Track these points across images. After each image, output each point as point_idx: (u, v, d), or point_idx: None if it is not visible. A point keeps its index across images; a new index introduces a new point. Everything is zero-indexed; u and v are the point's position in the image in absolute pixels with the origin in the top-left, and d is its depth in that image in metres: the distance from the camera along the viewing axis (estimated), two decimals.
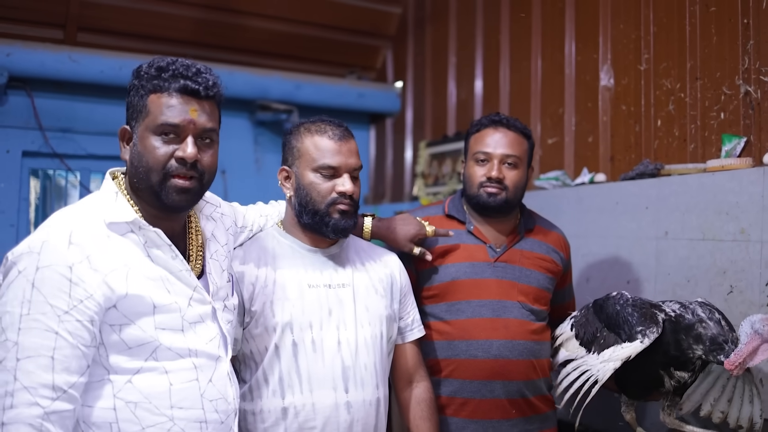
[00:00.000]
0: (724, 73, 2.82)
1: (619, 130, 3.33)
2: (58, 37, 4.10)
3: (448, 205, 2.47)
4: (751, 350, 1.94)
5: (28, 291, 1.42)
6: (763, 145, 2.65)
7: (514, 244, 2.39)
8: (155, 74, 1.60)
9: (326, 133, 1.98)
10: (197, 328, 1.62)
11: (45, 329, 1.42)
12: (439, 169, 4.44)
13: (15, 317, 1.41)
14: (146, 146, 1.58)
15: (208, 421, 1.60)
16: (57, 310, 1.43)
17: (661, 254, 2.89)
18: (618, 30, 3.33)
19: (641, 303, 2.14)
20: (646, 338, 2.03)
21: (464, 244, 2.37)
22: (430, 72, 4.76)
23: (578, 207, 3.27)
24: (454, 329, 2.28)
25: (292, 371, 1.89)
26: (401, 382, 2.15)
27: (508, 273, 2.33)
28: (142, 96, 1.59)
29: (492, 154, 2.35)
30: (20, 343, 1.40)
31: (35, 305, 1.42)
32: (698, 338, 2.02)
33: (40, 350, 1.40)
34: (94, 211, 1.58)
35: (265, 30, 4.62)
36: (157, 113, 1.57)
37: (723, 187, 2.65)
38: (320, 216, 1.97)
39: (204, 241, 1.77)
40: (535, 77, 3.86)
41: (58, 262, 1.45)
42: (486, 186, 2.34)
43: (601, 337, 2.15)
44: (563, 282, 2.51)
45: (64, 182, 4.19)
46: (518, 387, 2.25)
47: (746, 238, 2.56)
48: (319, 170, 1.96)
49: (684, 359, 2.05)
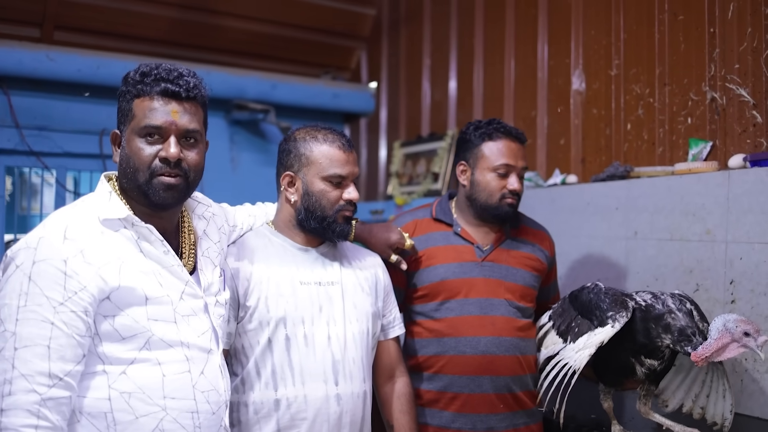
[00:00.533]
0: (691, 79, 2.93)
1: (590, 133, 3.44)
2: (34, 36, 4.08)
3: (436, 208, 2.54)
4: (720, 346, 2.04)
5: (25, 284, 1.49)
6: (728, 150, 2.77)
7: (501, 243, 2.47)
8: (139, 79, 1.67)
9: (336, 143, 2.07)
10: (190, 321, 1.69)
11: (41, 320, 1.48)
12: (413, 168, 4.52)
13: (13, 309, 1.48)
14: (132, 148, 1.65)
15: (199, 411, 1.66)
16: (52, 301, 1.50)
17: (630, 253, 3.00)
18: (589, 36, 3.44)
19: (613, 292, 2.24)
20: (617, 322, 2.12)
21: (452, 245, 2.45)
22: (404, 73, 4.84)
23: (550, 207, 3.37)
24: (444, 327, 2.37)
25: (285, 364, 1.97)
26: (382, 377, 2.23)
27: (495, 272, 2.42)
28: (128, 101, 1.67)
29: (515, 167, 2.41)
30: (18, 333, 1.47)
31: (32, 297, 1.49)
32: (667, 328, 2.12)
33: (37, 339, 1.47)
34: (89, 209, 1.65)
35: (241, 30, 4.66)
36: (141, 116, 1.64)
37: (690, 190, 2.77)
38: (327, 222, 2.06)
39: (196, 239, 1.83)
40: (508, 80, 3.95)
41: (53, 256, 1.52)
42: (507, 198, 2.41)
43: (575, 326, 2.24)
44: (548, 279, 2.60)
45: (39, 180, 4.20)
46: (505, 382, 2.34)
47: (712, 239, 2.67)
48: (330, 179, 2.06)
49: (653, 347, 2.14)
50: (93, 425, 1.56)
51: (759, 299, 2.51)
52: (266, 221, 2.21)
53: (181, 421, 1.63)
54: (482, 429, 2.32)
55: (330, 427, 1.98)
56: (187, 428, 1.63)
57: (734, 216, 2.60)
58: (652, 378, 2.27)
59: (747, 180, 2.57)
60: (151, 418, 1.59)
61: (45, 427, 1.45)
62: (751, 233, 2.54)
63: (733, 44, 2.77)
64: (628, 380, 2.28)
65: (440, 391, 2.35)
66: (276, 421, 1.95)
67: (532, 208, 3.29)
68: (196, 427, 1.65)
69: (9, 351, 1.46)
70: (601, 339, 2.12)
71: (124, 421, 1.57)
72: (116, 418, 1.57)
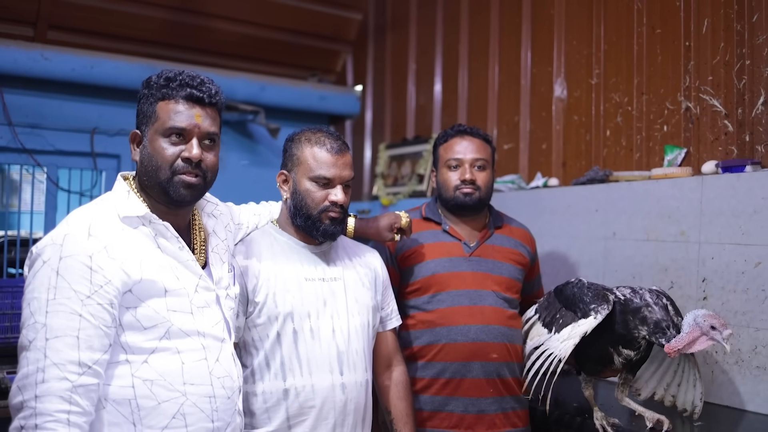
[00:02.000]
0: (668, 89, 3.10)
1: (571, 138, 3.59)
2: (28, 35, 4.16)
3: (425, 209, 2.71)
4: (691, 340, 2.20)
5: (53, 278, 1.59)
6: (701, 156, 2.94)
7: (486, 239, 2.63)
8: (164, 84, 1.77)
9: (325, 146, 2.15)
10: (204, 312, 1.80)
11: (70, 312, 1.58)
12: (398, 170, 4.65)
13: (42, 302, 1.57)
14: (156, 148, 1.75)
15: (216, 396, 1.77)
16: (80, 294, 1.59)
17: (609, 253, 3.16)
18: (571, 46, 3.60)
19: (595, 286, 2.40)
20: (599, 314, 2.28)
21: (441, 242, 2.60)
22: (389, 77, 4.97)
23: (533, 209, 3.52)
24: (436, 317, 2.51)
25: (293, 356, 2.08)
26: (381, 366, 2.36)
27: (482, 266, 2.58)
28: (151, 103, 1.77)
29: (463, 159, 2.61)
30: (48, 325, 1.56)
31: (60, 291, 1.58)
32: (643, 320, 2.28)
33: (67, 331, 1.57)
34: (109, 207, 1.75)
35: (231, 33, 4.77)
36: (166, 118, 1.75)
37: (665, 193, 2.93)
38: (312, 221, 2.16)
39: (206, 236, 1.94)
40: (492, 86, 4.10)
41: (79, 252, 1.61)
42: (461, 188, 2.59)
43: (560, 317, 2.40)
44: (532, 273, 2.76)
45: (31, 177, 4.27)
46: (494, 367, 2.49)
47: (686, 239, 2.84)
48: (315, 180, 2.15)
49: (630, 338, 2.30)
50: (118, 411, 1.65)
51: (729, 296, 2.67)
52: (271, 220, 2.32)
53: (200, 405, 1.73)
54: (473, 412, 2.47)
55: (336, 414, 2.10)
56: (205, 412, 1.74)
57: (707, 218, 2.76)
58: (629, 367, 2.42)
59: (719, 185, 2.74)
60: (173, 403, 1.70)
61: (76, 412, 1.54)
62: (722, 234, 2.71)
63: (707, 57, 2.94)
64: (606, 369, 2.43)
65: (434, 377, 2.50)
66: (285, 409, 2.07)
67: (515, 210, 3.41)
68: (213, 411, 1.76)
69: (41, 341, 1.55)
70: (585, 329, 2.28)
71: (147, 407, 1.67)
72: (140, 404, 1.66)
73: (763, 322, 2.57)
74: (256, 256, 2.15)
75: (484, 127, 4.04)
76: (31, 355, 1.55)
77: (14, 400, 1.54)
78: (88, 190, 4.35)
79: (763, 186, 2.60)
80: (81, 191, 4.32)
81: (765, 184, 2.59)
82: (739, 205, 2.66)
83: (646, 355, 2.40)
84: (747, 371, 2.61)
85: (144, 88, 1.80)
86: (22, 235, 4.26)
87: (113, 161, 4.40)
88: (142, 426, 1.66)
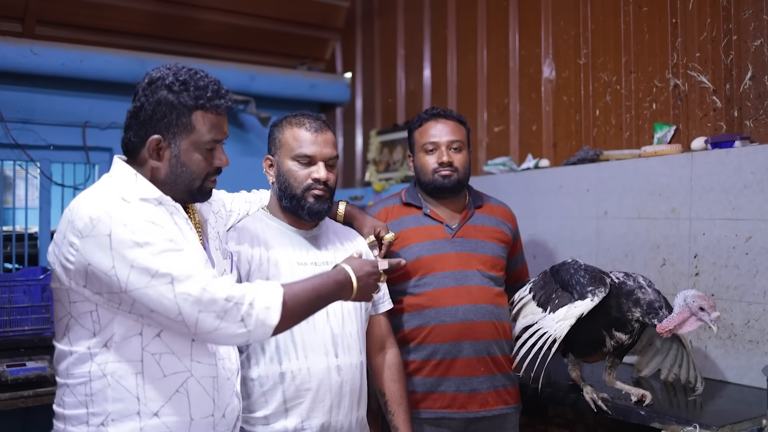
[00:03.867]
0: (656, 67, 3.11)
1: (560, 119, 3.61)
2: (16, 30, 4.16)
3: (405, 194, 2.72)
4: (681, 320, 2.24)
5: (135, 234, 1.61)
6: (690, 133, 2.96)
7: (467, 220, 2.65)
8: (199, 94, 1.76)
9: (303, 125, 2.20)
10: None
11: (171, 248, 1.64)
12: (390, 156, 4.67)
13: (146, 253, 1.60)
14: (192, 159, 1.79)
15: (218, 376, 1.80)
16: (165, 236, 1.65)
17: (601, 232, 3.18)
18: (559, 27, 3.61)
19: (592, 268, 2.43)
20: (596, 297, 2.31)
21: (423, 226, 2.62)
22: (378, 63, 4.97)
23: (524, 190, 3.54)
24: (424, 300, 2.53)
25: (288, 340, 2.11)
26: (374, 348, 2.38)
27: (466, 246, 2.60)
28: (183, 112, 1.75)
29: (439, 143, 2.62)
30: (169, 260, 1.62)
31: (150, 236, 1.62)
32: (637, 302, 2.31)
33: (185, 256, 1.65)
34: (124, 190, 1.73)
35: (220, 23, 4.77)
36: (204, 131, 1.78)
37: (656, 171, 2.95)
38: (297, 200, 2.19)
39: (202, 221, 1.97)
40: (481, 69, 4.11)
41: (135, 216, 1.64)
42: (439, 171, 2.60)
43: (556, 297, 2.43)
44: (514, 250, 2.78)
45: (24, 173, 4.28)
46: (484, 346, 2.51)
47: (677, 216, 2.86)
48: (297, 158, 2.18)
49: (624, 321, 2.33)
50: (123, 387, 1.67)
51: (720, 271, 2.70)
52: (261, 206, 2.34)
53: (203, 383, 1.76)
54: (465, 391, 2.49)
55: (332, 396, 2.12)
56: (207, 390, 1.77)
57: (697, 195, 2.79)
58: (618, 352, 2.46)
59: (708, 161, 2.76)
60: (178, 377, 1.73)
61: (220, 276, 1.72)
62: (713, 210, 2.74)
63: (693, 34, 2.95)
64: (597, 352, 2.46)
65: (425, 359, 2.52)
66: (282, 392, 2.09)
67: (507, 192, 3.45)
68: (214, 390, 1.79)
69: (183, 254, 1.65)
70: (581, 311, 2.30)
71: (153, 379, 1.69)
72: (146, 377, 1.69)
73: (754, 296, 2.60)
74: (248, 242, 2.18)
75: (474, 111, 4.06)
76: (175, 270, 1.61)
77: (192, 294, 1.60)
78: (82, 184, 4.35)
79: (753, 161, 2.62)
80: (75, 185, 4.32)
81: (754, 158, 2.62)
82: (728, 181, 2.69)
83: (636, 340, 2.44)
84: (740, 345, 2.64)
85: (164, 90, 1.75)
86: (18, 230, 4.27)
87: (105, 154, 4.40)
88: (146, 399, 1.68)
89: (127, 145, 1.80)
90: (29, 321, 3.23)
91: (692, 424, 2.13)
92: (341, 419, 2.15)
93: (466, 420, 2.50)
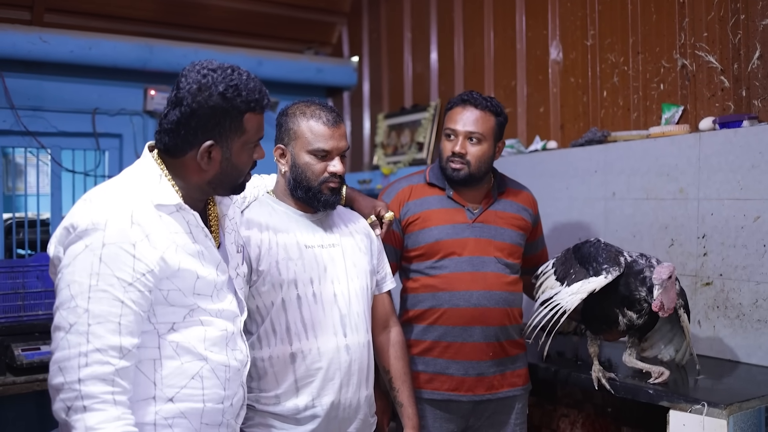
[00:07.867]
0: (663, 48, 3.11)
1: (568, 100, 3.61)
2: (25, 18, 4.18)
3: (429, 173, 2.70)
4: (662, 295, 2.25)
5: (96, 264, 1.62)
6: (698, 113, 2.96)
7: (489, 206, 2.65)
8: (251, 98, 1.79)
9: (321, 119, 2.20)
10: (222, 292, 1.87)
11: (113, 299, 1.62)
12: (397, 139, 4.68)
13: (84, 287, 1.61)
14: (242, 159, 1.83)
15: (230, 366, 1.85)
16: (122, 282, 1.63)
17: (609, 213, 3.19)
18: (566, 8, 3.60)
19: (610, 247, 2.46)
20: (609, 274, 2.34)
21: (445, 209, 2.62)
22: (385, 47, 4.96)
23: (532, 172, 3.54)
24: (439, 282, 2.55)
25: (298, 321, 2.15)
26: (378, 327, 2.43)
27: (485, 232, 2.60)
28: (235, 116, 1.78)
29: (457, 131, 2.59)
30: (90, 311, 1.60)
31: (103, 277, 1.62)
32: (643, 281, 2.33)
33: (109, 317, 1.61)
34: (143, 192, 1.76)
35: (227, 8, 4.77)
36: (253, 132, 1.82)
37: (663, 152, 2.95)
38: (313, 192, 2.22)
39: (220, 216, 1.99)
40: (488, 51, 4.10)
41: (123, 239, 1.65)
42: (451, 160, 2.59)
43: (573, 273, 2.46)
44: (534, 235, 2.79)
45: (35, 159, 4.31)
46: (494, 332, 2.54)
47: (684, 197, 2.87)
48: (314, 153, 2.20)
49: (632, 299, 2.35)
50: (141, 372, 1.71)
51: (728, 251, 2.71)
52: (266, 191, 2.37)
53: (216, 372, 1.81)
54: (473, 375, 2.53)
55: (342, 374, 2.17)
56: (220, 379, 1.81)
57: (705, 175, 2.79)
58: (634, 331, 2.47)
59: (716, 141, 2.76)
60: (194, 364, 1.77)
61: (119, 392, 1.61)
62: (721, 190, 2.74)
63: (701, 13, 2.94)
64: (612, 330, 2.48)
65: (435, 340, 2.55)
66: (293, 372, 2.14)
67: (515, 174, 3.40)
68: (226, 380, 1.83)
69: (83, 326, 1.59)
70: (594, 287, 2.34)
71: (170, 366, 1.74)
72: (164, 364, 1.73)
73: (763, 275, 2.60)
74: (256, 227, 2.20)
75: (482, 93, 4.04)
76: (72, 339, 1.59)
77: (54, 381, 1.59)
78: (92, 170, 4.39)
79: (761, 141, 2.62)
80: (85, 171, 4.36)
81: (762, 138, 2.62)
82: (736, 161, 2.69)
83: (650, 320, 2.44)
84: (748, 324, 2.65)
85: (217, 97, 1.75)
86: (30, 216, 4.31)
87: (115, 140, 4.44)
88: (163, 385, 1.72)
89: (172, 149, 1.79)
90: (43, 306, 3.28)
91: (701, 403, 2.15)
92: (350, 397, 2.19)
93: (473, 402, 2.54)
